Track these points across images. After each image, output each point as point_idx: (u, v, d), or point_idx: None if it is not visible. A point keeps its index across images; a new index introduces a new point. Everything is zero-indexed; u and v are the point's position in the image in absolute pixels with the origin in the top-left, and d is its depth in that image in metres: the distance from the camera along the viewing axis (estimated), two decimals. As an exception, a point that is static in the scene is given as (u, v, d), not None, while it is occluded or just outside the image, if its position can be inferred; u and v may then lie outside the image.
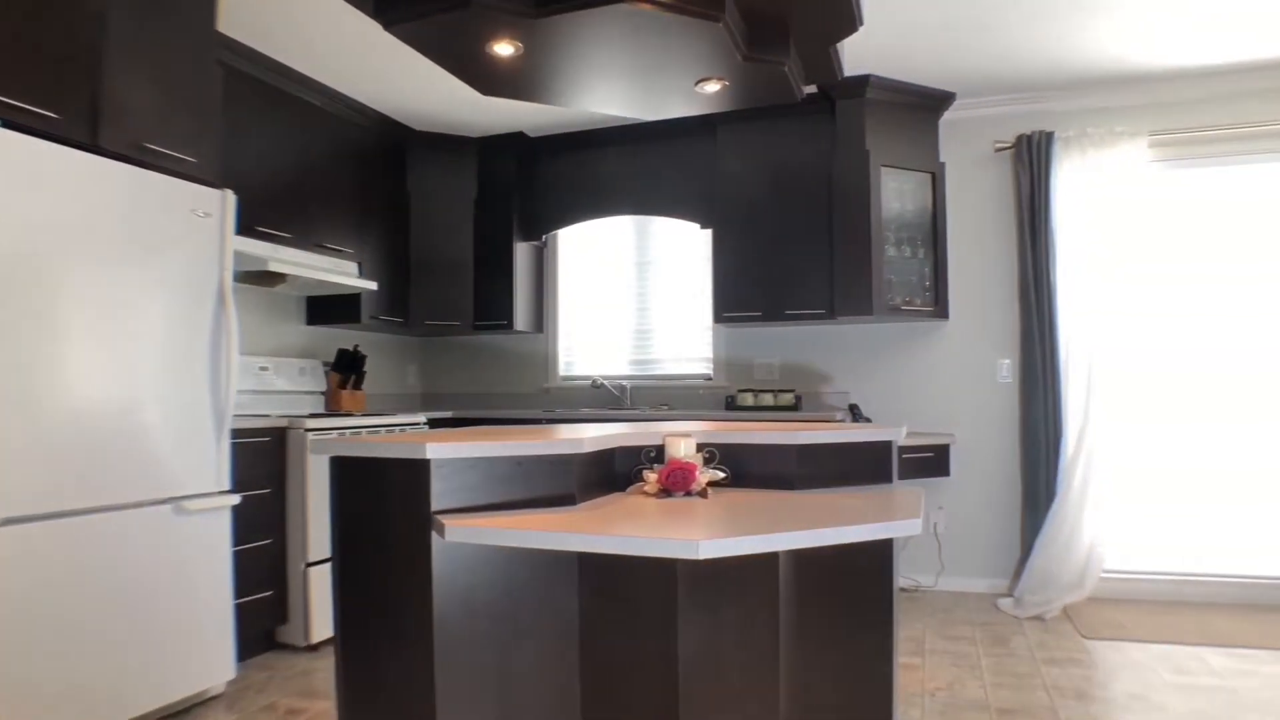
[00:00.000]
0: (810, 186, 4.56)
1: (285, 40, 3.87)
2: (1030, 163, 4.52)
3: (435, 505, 1.82)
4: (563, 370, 5.50)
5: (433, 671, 1.79)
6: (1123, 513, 4.41)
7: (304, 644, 3.69)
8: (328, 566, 3.73)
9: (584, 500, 2.01)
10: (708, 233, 4.96)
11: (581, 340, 5.48)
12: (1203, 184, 4.50)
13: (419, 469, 1.83)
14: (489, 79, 3.25)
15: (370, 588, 1.89)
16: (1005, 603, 4.37)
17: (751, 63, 3.03)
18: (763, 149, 4.66)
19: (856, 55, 4.08)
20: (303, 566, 3.69)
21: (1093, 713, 2.93)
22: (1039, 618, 4.16)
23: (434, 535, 1.79)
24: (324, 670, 3.45)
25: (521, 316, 5.23)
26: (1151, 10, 3.63)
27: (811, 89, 4.39)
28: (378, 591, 1.88)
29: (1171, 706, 2.99)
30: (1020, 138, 4.56)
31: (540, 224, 5.37)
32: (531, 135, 5.25)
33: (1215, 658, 3.53)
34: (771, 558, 1.91)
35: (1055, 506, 4.38)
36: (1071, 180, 4.47)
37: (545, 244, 5.48)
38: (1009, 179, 4.68)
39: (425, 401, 5.74)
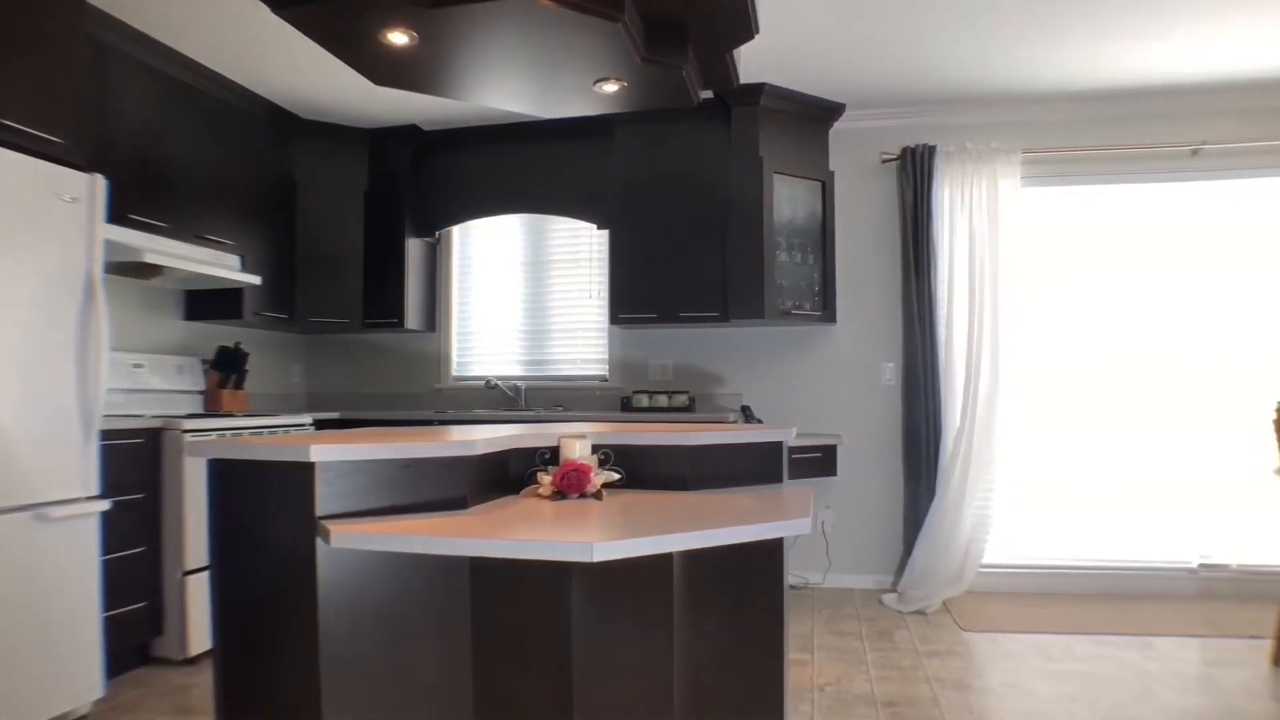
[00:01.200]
0: (706, 190, 4.62)
1: (164, 17, 3.66)
2: (914, 174, 4.70)
3: (320, 510, 1.76)
4: (455, 370, 5.40)
5: (319, 682, 1.72)
6: (998, 510, 4.62)
7: (181, 657, 3.49)
8: (206, 575, 3.55)
9: (476, 503, 1.97)
10: (604, 233, 4.97)
11: (475, 340, 5.39)
12: (1071, 201, 4.79)
13: (303, 472, 1.76)
14: (382, 68, 3.15)
15: (252, 597, 1.81)
16: (889, 598, 4.52)
17: (650, 65, 3.04)
18: (660, 152, 4.69)
19: (752, 63, 4.16)
20: (180, 575, 3.50)
21: (970, 701, 3.06)
22: (921, 612, 4.32)
23: (319, 541, 1.73)
24: (203, 685, 3.28)
25: (413, 314, 5.11)
26: (1029, 34, 3.83)
27: (708, 94, 4.44)
28: (260, 600, 1.80)
29: (1040, 692, 3.15)
30: (905, 150, 4.73)
31: (434, 220, 5.25)
32: (426, 128, 5.14)
33: (1080, 645, 3.74)
34: (666, 558, 1.92)
35: (935, 505, 4.56)
36: (951, 193, 4.67)
37: (439, 240, 5.37)
38: (894, 189, 4.85)
39: (311, 402, 5.54)
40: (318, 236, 4.94)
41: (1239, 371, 4.62)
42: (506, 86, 3.31)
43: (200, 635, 3.53)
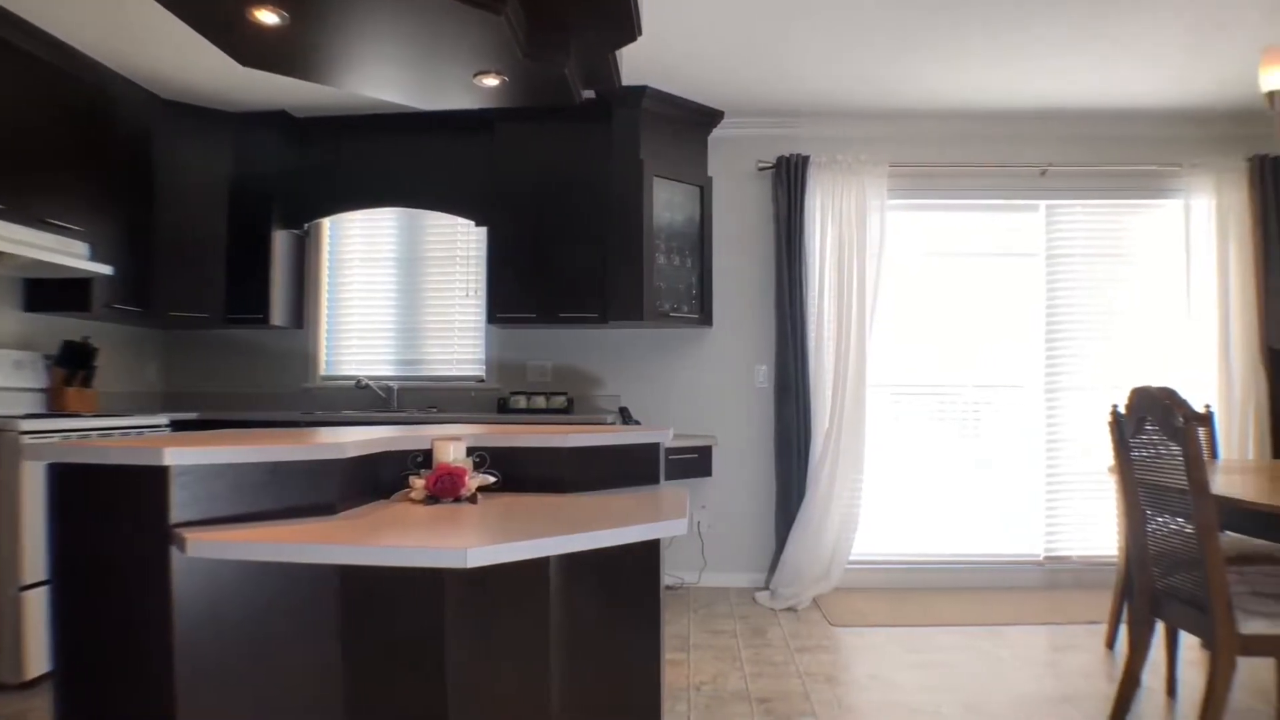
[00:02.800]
0: (586, 191, 4.61)
1: (-2, -15, 3.38)
2: (788, 183, 4.82)
3: (176, 517, 1.65)
4: (325, 369, 5.19)
5: (175, 702, 1.61)
6: (864, 509, 4.80)
7: (16, 681, 3.20)
8: (45, 590, 3.27)
9: (345, 509, 1.89)
10: (483, 231, 4.88)
11: (346, 338, 5.19)
12: (934, 215, 5.02)
13: (157, 477, 1.64)
14: (249, 49, 2.99)
15: (98, 613, 1.67)
16: (762, 596, 4.63)
17: (531, 60, 3.01)
18: (541, 150, 4.65)
19: (635, 66, 4.17)
20: (14, 591, 3.21)
21: (839, 695, 3.16)
22: (792, 609, 4.44)
23: (174, 551, 1.62)
24: (40, 710, 3.02)
25: (280, 310, 4.87)
26: (899, 54, 3.99)
27: (590, 94, 4.43)
28: (107, 616, 1.66)
29: (904, 683, 3.29)
30: (780, 159, 4.85)
31: (303, 211, 5.01)
32: (297, 115, 4.91)
33: (939, 636, 3.92)
34: (542, 562, 1.89)
35: (805, 504, 4.70)
36: (823, 201, 4.82)
37: (308, 233, 5.14)
38: (769, 197, 4.96)
39: (168, 402, 5.21)
40: (178, 225, 4.65)
41: (1081, 380, 4.96)
42: (382, 75, 3.21)
43: (38, 656, 3.26)
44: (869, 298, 4.76)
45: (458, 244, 5.10)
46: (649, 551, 2.18)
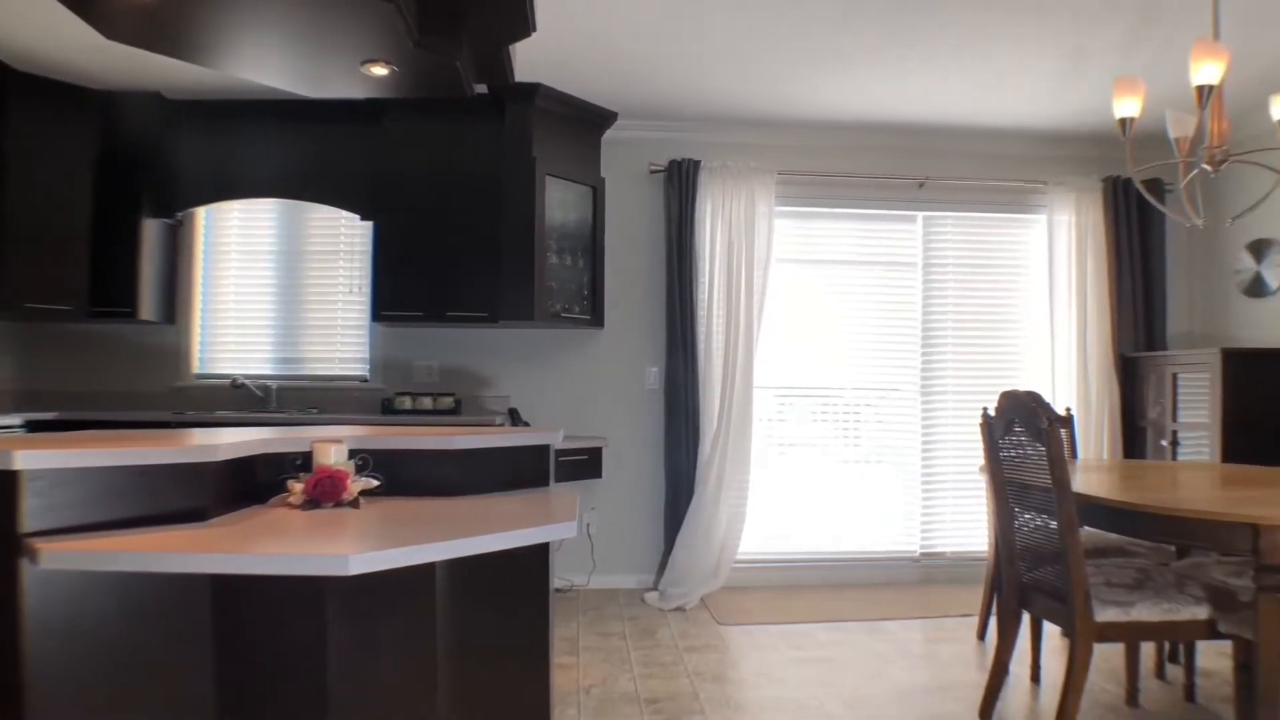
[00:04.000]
0: (477, 188, 4.52)
1: None
2: (679, 187, 4.87)
3: (28, 526, 1.53)
4: (198, 367, 4.92)
5: (20, 726, 1.49)
6: (751, 509, 4.88)
7: None
8: None
9: (219, 515, 1.80)
10: (369, 225, 4.71)
11: (221, 334, 4.94)
12: (820, 222, 5.17)
13: (6, 483, 1.52)
14: (116, 21, 2.78)
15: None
16: (651, 596, 4.65)
17: (422, 51, 2.92)
18: (431, 144, 4.54)
19: (529, 63, 4.12)
20: None
21: (728, 693, 3.20)
22: (681, 609, 4.48)
23: (25, 563, 1.49)
24: None
25: (149, 304, 4.58)
26: (788, 64, 4.09)
27: (483, 89, 4.35)
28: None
29: (790, 679, 3.36)
30: (672, 163, 4.90)
31: (176, 199, 4.70)
32: (170, 97, 4.62)
33: (822, 632, 4.03)
34: (428, 568, 1.84)
35: (693, 505, 4.75)
36: (714, 206, 4.88)
37: (181, 222, 4.86)
38: (661, 200, 5.00)
39: (23, 400, 4.83)
40: (32, 209, 4.30)
41: (954, 384, 5.20)
42: (264, 59, 3.06)
43: None
44: (757, 302, 4.86)
45: (342, 238, 4.93)
46: (538, 555, 2.15)
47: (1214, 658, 3.39)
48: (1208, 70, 2.78)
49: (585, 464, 4.53)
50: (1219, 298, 5.14)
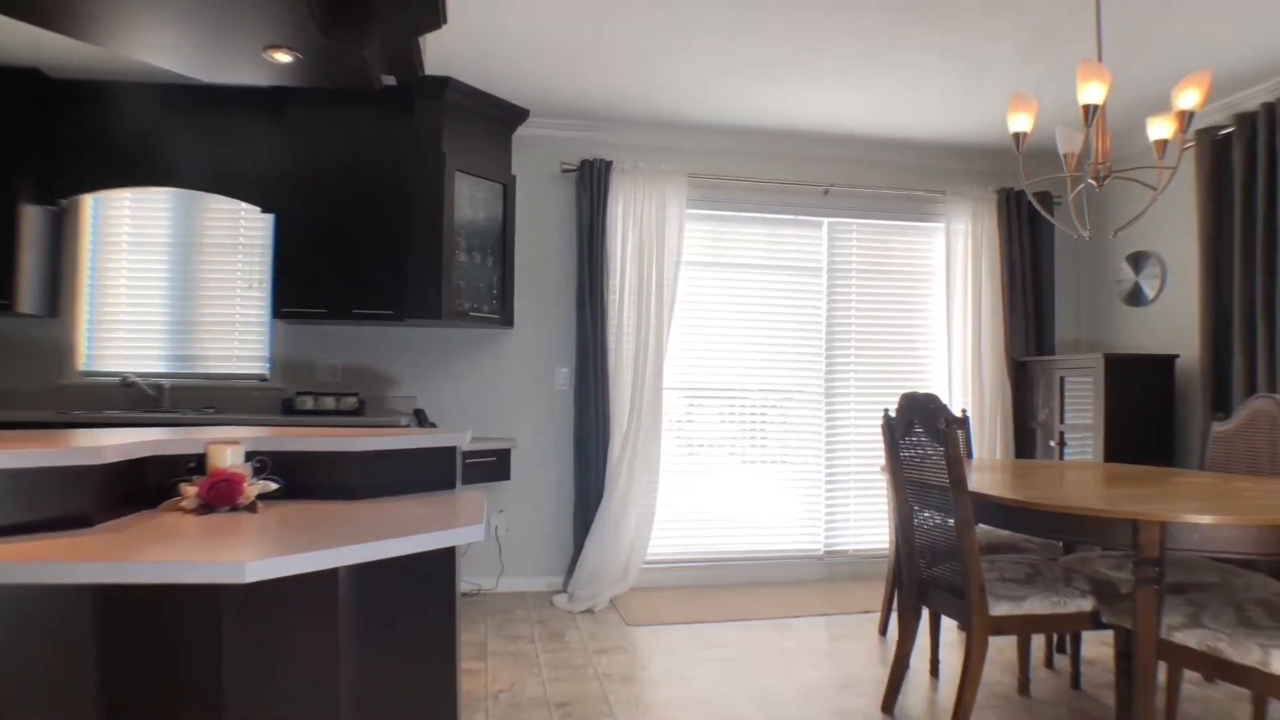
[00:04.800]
0: (385, 182, 4.40)
1: None
2: (591, 187, 4.85)
3: (-123, 535, 1.41)
4: (84, 364, 4.64)
5: None
6: (660, 509, 4.91)
7: None
8: None
9: (104, 520, 1.70)
10: (270, 218, 4.54)
11: (110, 330, 4.67)
12: (730, 226, 5.23)
13: None
14: (-13, -6, 2.61)
15: None
16: (560, 599, 4.62)
17: (328, 39, 2.83)
18: (338, 136, 4.39)
19: (440, 56, 4.04)
20: None
21: (637, 694, 3.20)
22: (590, 611, 4.46)
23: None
24: None
25: (29, 296, 4.29)
26: (700, 69, 4.12)
27: (392, 81, 4.24)
28: None
29: (699, 678, 3.38)
30: (584, 162, 4.88)
31: (60, 185, 4.40)
32: (53, 75, 4.35)
33: (730, 631, 4.08)
34: (330, 574, 1.78)
35: (603, 506, 4.74)
36: (625, 207, 4.89)
37: (65, 210, 4.58)
38: (573, 199, 4.98)
39: (-126, 400, 4.49)
40: (-110, 196, 4.00)
41: (857, 386, 5.34)
42: (157, 39, 2.89)
43: None
44: (667, 303, 4.88)
45: (241, 231, 4.73)
46: (444, 559, 2.11)
47: (1097, 647, 3.56)
48: (1093, 90, 2.92)
49: (493, 466, 4.47)
50: (1102, 306, 5.43)
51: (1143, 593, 2.38)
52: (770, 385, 5.28)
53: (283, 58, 3.00)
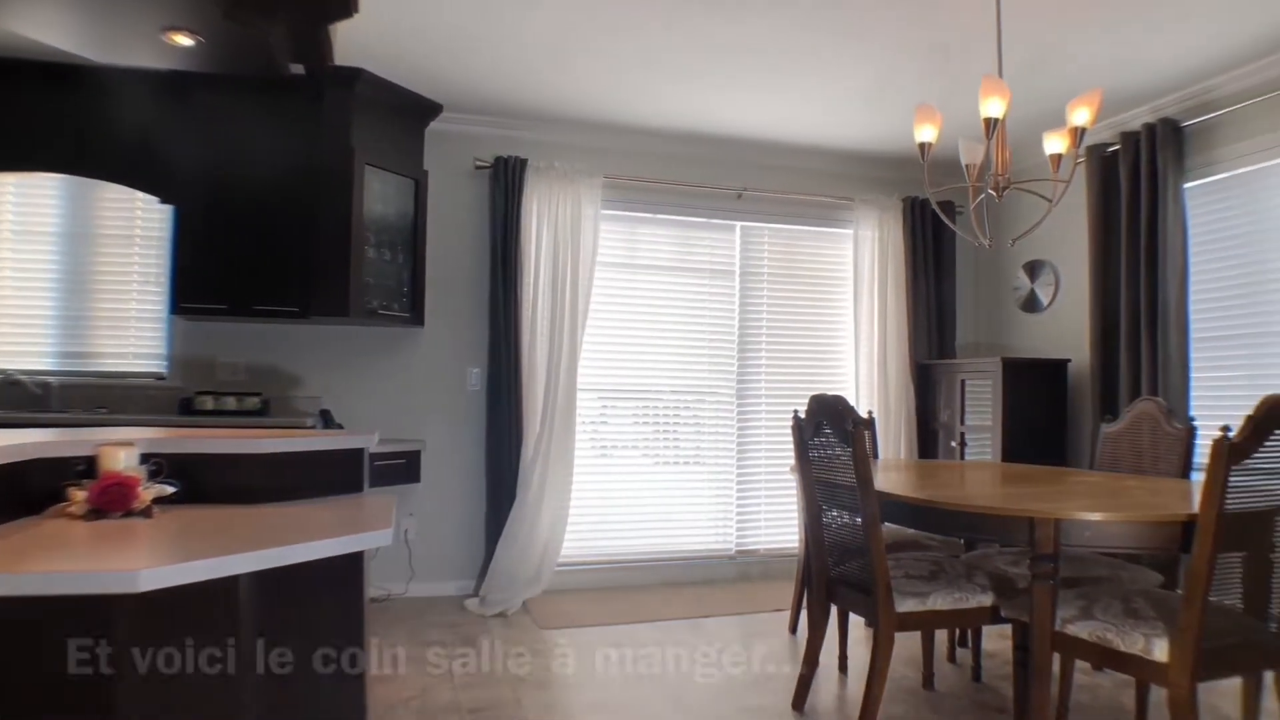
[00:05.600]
0: (291, 175, 4.24)
1: None
2: (505, 184, 4.80)
3: None
4: (-44, 363, 4.36)
5: None
6: (574, 511, 4.88)
7: None
8: None
9: (-22, 527, 1.59)
10: (169, 209, 4.32)
11: (-16, 326, 4.40)
12: (645, 227, 5.25)
13: None
14: None
15: None
16: (472, 603, 4.55)
17: (233, 23, 2.71)
18: (242, 125, 4.20)
19: (351, 46, 3.91)
20: None
21: (551, 698, 3.19)
22: (503, 614, 4.41)
23: None
24: None
25: (-109, 291, 4.01)
26: (615, 70, 4.13)
27: (300, 70, 4.10)
28: None
29: (612, 680, 3.39)
30: (498, 159, 4.82)
31: (-72, 171, 4.14)
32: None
33: (644, 632, 4.09)
34: (231, 581, 1.71)
35: (515, 508, 4.69)
36: (539, 206, 4.85)
37: (-66, 200, 4.28)
38: (487, 197, 4.91)
39: None
40: None
41: (768, 388, 5.43)
42: (44, 14, 2.73)
43: None
44: (582, 304, 4.87)
45: (138, 222, 4.50)
46: (351, 564, 2.05)
47: (996, 640, 3.70)
48: (994, 105, 3.04)
49: (403, 468, 4.38)
50: (1000, 311, 5.66)
51: (1039, 588, 2.48)
52: (683, 386, 5.32)
53: (183, 40, 2.86)
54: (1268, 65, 3.90)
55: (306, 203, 4.24)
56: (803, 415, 3.13)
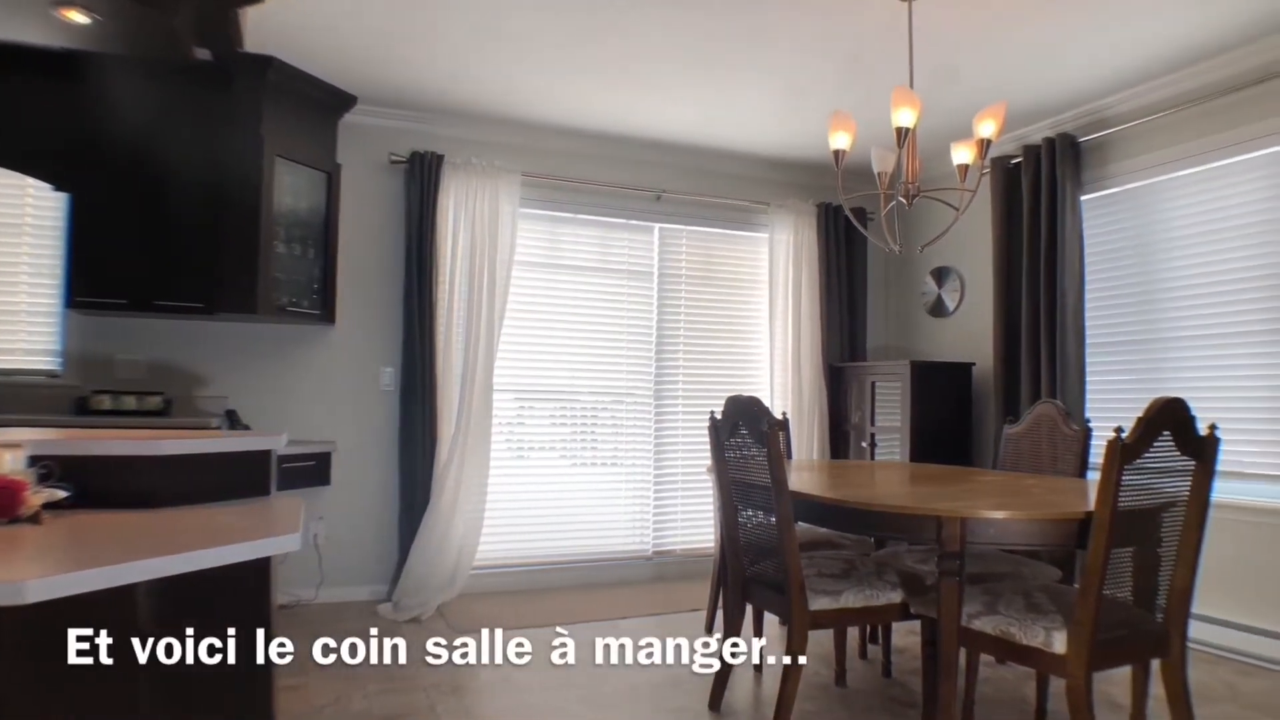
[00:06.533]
0: (196, 164, 4.06)
1: None
2: (421, 180, 4.71)
3: None
4: None
5: None
6: (489, 514, 4.82)
7: None
8: None
9: None
10: (63, 197, 4.08)
11: None
12: (564, 227, 5.23)
13: None
14: None
15: None
16: (385, 608, 4.46)
17: (133, 2, 2.59)
18: (145, 110, 3.96)
19: (261, 33, 3.77)
20: None
21: (466, 704, 3.14)
22: (416, 619, 4.33)
23: None
24: None
25: None
26: (533, 67, 4.10)
27: (208, 56, 3.94)
28: None
29: (529, 684, 3.36)
30: (414, 154, 4.73)
31: None
32: None
33: (561, 634, 4.04)
34: (127, 590, 1.63)
35: (429, 511, 4.61)
36: (456, 203, 4.77)
37: None
38: (402, 192, 4.81)
39: None
40: None
41: (685, 389, 5.48)
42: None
43: None
44: (499, 303, 4.82)
45: (28, 210, 4.25)
46: (257, 570, 1.98)
47: (905, 636, 3.80)
48: (905, 115, 3.13)
49: (312, 470, 4.27)
50: (909, 315, 5.83)
51: (946, 585, 2.56)
52: (601, 387, 5.32)
53: (78, 17, 2.70)
54: (1158, 86, 4.13)
55: (213, 194, 4.08)
56: (719, 416, 3.16)
